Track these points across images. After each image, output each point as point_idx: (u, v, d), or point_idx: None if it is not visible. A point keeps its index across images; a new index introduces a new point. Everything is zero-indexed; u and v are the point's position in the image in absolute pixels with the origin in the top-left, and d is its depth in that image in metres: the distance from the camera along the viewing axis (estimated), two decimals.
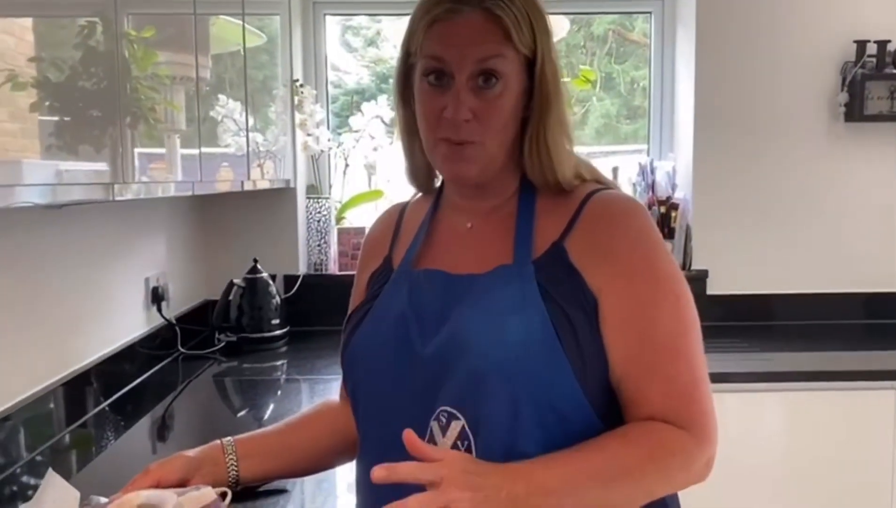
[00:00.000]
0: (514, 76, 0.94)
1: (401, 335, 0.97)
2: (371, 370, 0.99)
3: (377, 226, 1.15)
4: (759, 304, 2.62)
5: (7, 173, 0.94)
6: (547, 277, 0.92)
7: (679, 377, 0.90)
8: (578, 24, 2.99)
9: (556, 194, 0.98)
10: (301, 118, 2.58)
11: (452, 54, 0.92)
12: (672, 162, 2.73)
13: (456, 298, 0.95)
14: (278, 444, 1.13)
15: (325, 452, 1.14)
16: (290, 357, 2.35)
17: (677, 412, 0.89)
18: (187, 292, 2.44)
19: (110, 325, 1.91)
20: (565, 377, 0.88)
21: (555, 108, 0.95)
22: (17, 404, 1.44)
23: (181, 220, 2.43)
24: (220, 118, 1.83)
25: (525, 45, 0.93)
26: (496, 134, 0.94)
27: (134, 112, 1.30)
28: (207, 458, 1.08)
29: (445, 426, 0.91)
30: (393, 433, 0.88)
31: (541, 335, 0.88)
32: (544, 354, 0.88)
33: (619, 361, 0.90)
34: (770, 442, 2.11)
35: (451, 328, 0.93)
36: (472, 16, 0.92)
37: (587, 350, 0.89)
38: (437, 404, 0.92)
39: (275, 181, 2.34)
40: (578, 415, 0.89)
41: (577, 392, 0.88)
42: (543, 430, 0.88)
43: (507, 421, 0.88)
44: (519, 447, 0.88)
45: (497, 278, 0.94)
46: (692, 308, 0.94)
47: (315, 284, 2.64)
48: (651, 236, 0.95)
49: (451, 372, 0.91)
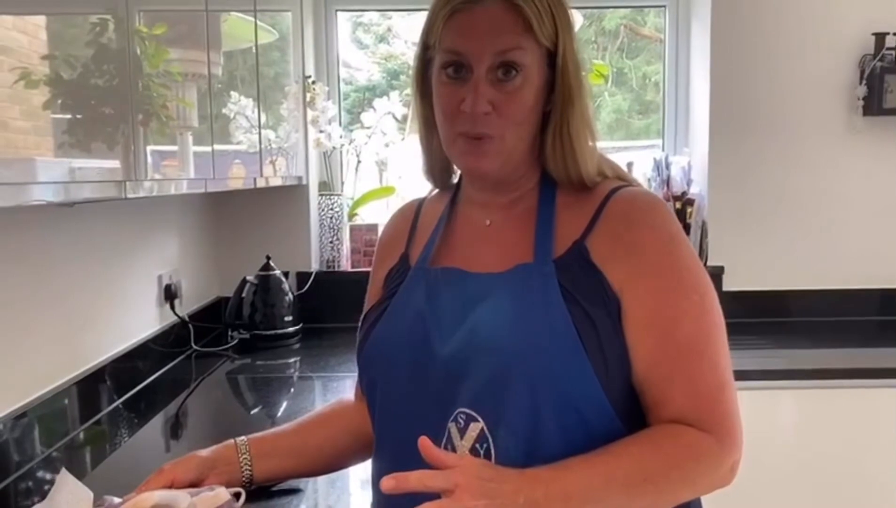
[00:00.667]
0: (535, 68, 0.92)
1: (418, 335, 0.95)
2: (388, 369, 0.98)
3: (393, 223, 1.13)
4: (775, 300, 2.59)
5: (21, 171, 0.94)
6: (568, 276, 0.90)
7: (703, 378, 0.88)
8: (590, 18, 2.97)
9: (577, 189, 0.96)
10: (313, 115, 2.57)
11: (471, 46, 0.90)
12: (687, 157, 2.71)
13: (475, 297, 0.93)
14: (293, 444, 1.12)
15: (340, 452, 1.13)
16: (303, 355, 2.34)
17: (701, 415, 0.87)
18: (200, 289, 2.44)
19: (123, 323, 1.91)
20: (587, 378, 0.86)
21: (577, 101, 0.94)
22: (31, 401, 1.45)
23: (194, 217, 2.43)
24: (233, 115, 1.82)
25: (547, 38, 0.91)
26: (516, 127, 0.92)
27: (146, 109, 1.29)
28: (221, 458, 1.07)
29: (464, 428, 0.90)
30: (409, 433, 0.87)
31: (562, 336, 0.86)
32: (566, 355, 0.86)
33: (641, 362, 0.88)
34: (786, 439, 2.09)
35: (470, 328, 0.91)
36: (492, 6, 0.90)
37: (610, 351, 0.87)
38: (456, 405, 0.91)
39: (287, 178, 2.34)
40: (600, 417, 0.87)
41: (598, 394, 0.86)
42: (564, 432, 0.87)
43: (527, 423, 0.87)
44: (539, 449, 0.86)
45: (517, 277, 0.92)
46: (717, 307, 0.91)
47: (328, 281, 2.64)
48: (674, 233, 0.92)
49: (469, 373, 0.90)
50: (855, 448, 2.08)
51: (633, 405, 0.90)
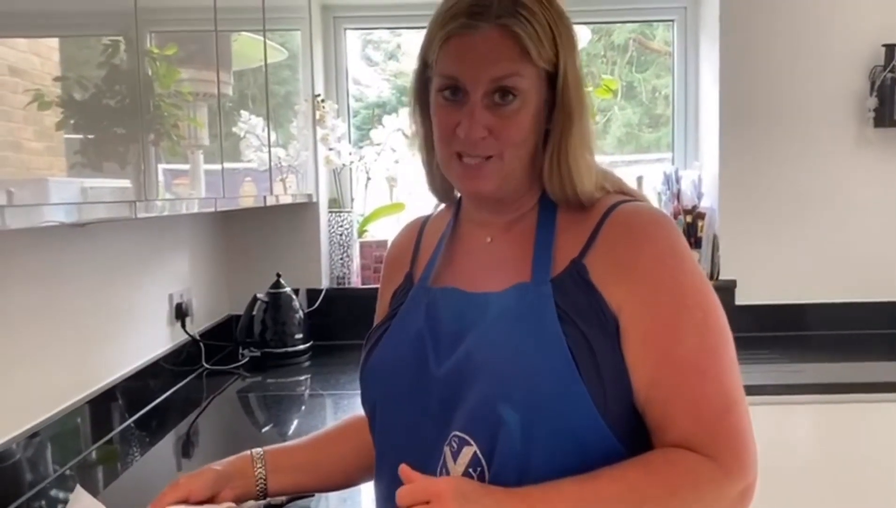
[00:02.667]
0: (534, 91, 0.90)
1: (417, 355, 0.94)
2: (387, 389, 0.97)
3: (398, 241, 1.13)
4: (788, 314, 2.57)
5: (34, 191, 0.94)
6: (565, 296, 0.88)
7: (707, 400, 0.84)
8: (599, 33, 2.98)
9: (578, 207, 0.94)
10: (323, 133, 2.58)
11: (467, 72, 0.90)
12: (697, 171, 2.70)
13: (472, 318, 0.92)
14: (308, 459, 1.11)
15: (353, 468, 1.12)
16: (313, 372, 2.34)
17: (704, 439, 0.83)
18: (211, 307, 2.45)
19: (135, 341, 1.91)
20: (582, 402, 0.83)
21: (577, 121, 0.92)
22: (44, 420, 1.45)
23: (204, 235, 2.44)
24: (243, 134, 1.83)
25: (545, 60, 0.90)
26: (514, 149, 0.91)
27: (157, 129, 1.30)
28: (237, 471, 1.06)
29: (457, 451, 0.88)
30: (407, 455, 0.87)
31: (556, 360, 0.84)
32: (559, 379, 0.84)
33: (642, 383, 0.85)
34: (801, 455, 2.07)
35: (465, 351, 0.90)
36: (488, 32, 0.88)
37: (607, 373, 0.85)
38: (450, 428, 0.90)
39: (297, 196, 2.34)
40: (597, 442, 0.85)
41: (594, 418, 0.84)
42: (558, 456, 0.84)
43: (519, 449, 0.85)
44: (533, 475, 0.84)
45: (513, 298, 0.90)
46: (723, 325, 0.88)
47: (338, 297, 2.64)
48: (676, 249, 0.89)
49: (463, 396, 0.89)
50: (872, 463, 2.05)
51: (635, 428, 0.87)
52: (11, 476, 1.32)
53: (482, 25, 0.88)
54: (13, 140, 0.89)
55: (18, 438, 1.36)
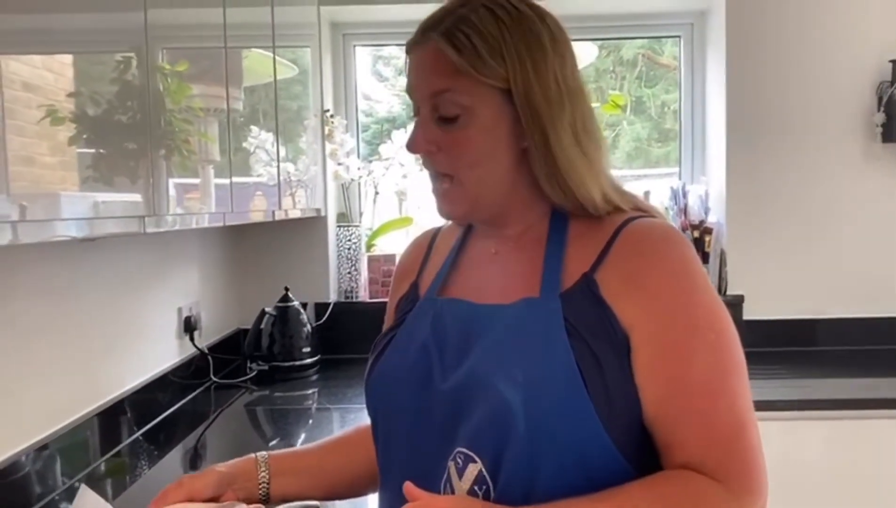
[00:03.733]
0: (484, 108, 0.88)
1: (422, 367, 0.93)
2: (391, 401, 0.96)
3: (408, 251, 1.13)
4: (797, 329, 2.56)
5: (46, 206, 0.96)
6: (575, 312, 0.86)
7: (718, 422, 0.83)
8: (607, 48, 2.99)
9: (590, 220, 0.92)
10: (331, 148, 2.60)
11: (413, 88, 0.92)
12: (704, 186, 2.71)
13: (478, 331, 0.90)
14: (312, 465, 1.10)
15: (357, 477, 1.11)
16: (321, 386, 2.35)
17: (715, 462, 0.82)
18: (219, 321, 2.46)
19: (144, 354, 1.92)
20: (588, 420, 0.82)
21: (553, 133, 0.88)
22: (53, 433, 1.46)
23: (213, 249, 2.46)
24: (253, 149, 1.85)
25: (492, 77, 0.87)
26: (470, 169, 0.90)
27: (168, 144, 1.32)
28: (241, 473, 1.06)
29: (462, 468, 0.87)
30: (411, 469, 0.87)
31: (563, 377, 0.82)
32: (566, 396, 0.82)
33: (651, 403, 0.84)
34: (810, 471, 2.06)
35: (471, 365, 0.89)
36: (429, 46, 0.89)
37: (616, 392, 0.83)
38: (455, 444, 0.88)
39: (306, 210, 2.36)
40: (604, 460, 0.83)
41: (601, 437, 0.82)
42: (565, 477, 0.83)
43: (526, 467, 0.83)
44: (538, 494, 0.82)
45: (521, 312, 0.88)
46: (735, 346, 0.86)
47: (346, 311, 2.65)
48: (689, 267, 0.87)
49: (468, 412, 0.87)
50: (883, 479, 2.04)
51: (644, 446, 0.85)
52: (21, 488, 1.32)
53: (427, 39, 0.89)
54: (26, 155, 0.90)
55: (27, 450, 1.36)
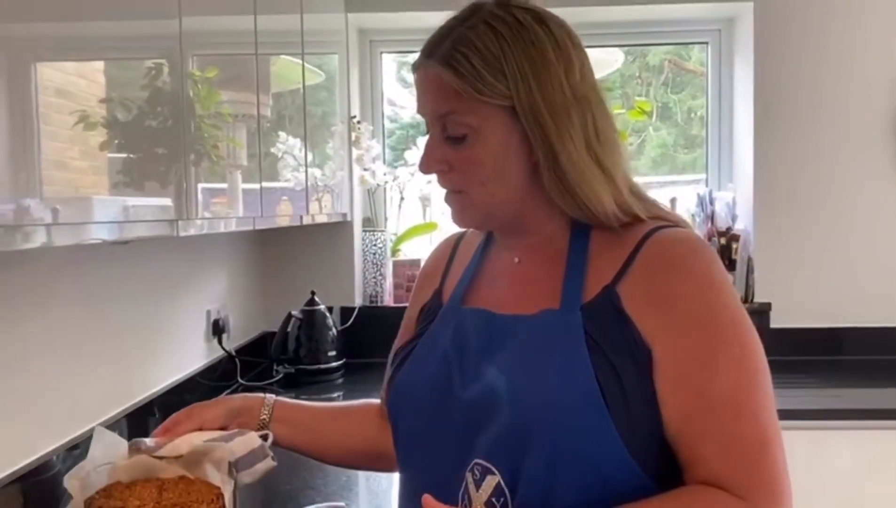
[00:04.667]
0: (491, 127, 0.88)
1: (443, 377, 0.93)
2: (412, 410, 0.96)
3: (431, 257, 1.13)
4: (825, 337, 2.53)
5: (78, 209, 0.98)
6: (596, 325, 0.85)
7: (740, 438, 0.81)
8: (633, 54, 2.98)
9: (613, 230, 0.90)
10: (358, 153, 2.62)
11: (421, 107, 0.93)
12: (732, 192, 2.68)
13: (498, 341, 0.90)
14: (312, 423, 1.11)
15: (350, 450, 1.12)
16: (345, 389, 2.36)
17: (738, 479, 0.80)
18: (247, 324, 2.48)
19: (174, 356, 1.95)
20: (608, 435, 0.81)
21: (562, 147, 0.87)
22: (84, 433, 1.48)
23: (241, 254, 2.48)
24: (281, 154, 1.87)
25: (495, 95, 0.87)
26: (481, 185, 0.90)
27: (198, 149, 1.34)
28: (246, 409, 1.08)
29: (480, 480, 0.87)
30: (429, 477, 0.88)
31: (583, 391, 0.81)
32: (585, 411, 0.81)
33: (672, 418, 0.83)
34: (838, 483, 2.03)
35: (490, 376, 0.88)
36: (430, 69, 0.90)
37: (636, 407, 0.82)
38: (473, 455, 0.88)
39: (332, 215, 2.38)
40: (623, 475, 0.82)
41: (620, 452, 0.81)
42: (584, 491, 0.82)
43: (544, 480, 0.83)
44: (557, 506, 0.82)
45: (542, 324, 0.88)
46: (760, 359, 0.84)
47: (371, 315, 2.66)
48: (714, 279, 0.86)
49: (487, 423, 0.87)
50: None
51: (665, 461, 0.84)
52: (51, 486, 1.35)
53: (429, 62, 0.90)
54: (59, 159, 0.92)
55: (58, 450, 1.39)
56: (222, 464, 0.99)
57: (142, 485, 1.01)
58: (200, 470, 1.01)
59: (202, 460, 1.01)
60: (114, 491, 1.00)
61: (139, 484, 1.02)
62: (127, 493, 1.00)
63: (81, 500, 0.98)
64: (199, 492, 0.99)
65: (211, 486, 1.00)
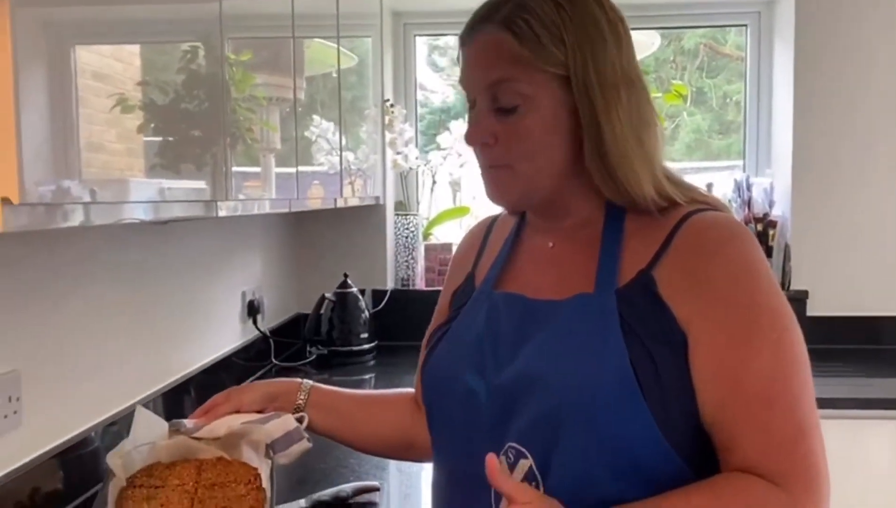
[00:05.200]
0: (545, 96, 0.87)
1: (475, 361, 0.93)
2: (444, 394, 0.96)
3: (464, 241, 1.13)
4: (863, 326, 2.49)
5: (115, 192, 0.99)
6: (631, 309, 0.84)
7: (777, 426, 0.80)
8: (668, 38, 2.94)
9: (647, 214, 0.89)
10: (391, 137, 2.63)
11: (469, 80, 0.91)
12: (769, 178, 2.64)
13: (532, 326, 0.89)
14: (346, 409, 1.12)
15: (383, 438, 1.12)
16: (377, 371, 2.38)
17: (774, 466, 0.79)
18: (280, 305, 2.51)
19: (209, 336, 1.98)
20: (643, 421, 0.80)
21: (608, 124, 0.86)
22: (121, 411, 1.51)
23: (276, 236, 2.51)
24: (314, 138, 1.88)
25: (553, 64, 0.85)
26: (527, 159, 0.89)
27: (233, 132, 1.35)
28: (282, 393, 1.09)
29: (513, 463, 0.87)
30: (465, 460, 0.88)
31: (617, 377, 0.81)
32: (620, 397, 0.80)
33: (708, 405, 0.81)
34: (875, 472, 2.00)
35: (524, 361, 0.88)
36: (485, 37, 0.88)
37: (671, 392, 0.81)
38: (506, 439, 0.88)
39: (365, 198, 2.39)
40: (659, 461, 0.81)
41: (655, 436, 0.80)
42: (617, 475, 0.82)
43: (577, 466, 0.82)
44: (590, 494, 0.82)
45: (576, 309, 0.87)
46: (799, 346, 0.83)
47: (402, 299, 2.68)
48: (753, 264, 0.84)
49: (520, 408, 0.87)
50: None
51: (700, 446, 0.83)
52: (90, 462, 1.38)
53: (482, 30, 0.88)
54: (97, 142, 0.94)
55: (96, 427, 1.42)
56: (259, 446, 1.01)
57: (181, 465, 1.04)
58: (238, 452, 1.04)
59: (240, 442, 1.03)
60: (154, 471, 1.03)
61: (178, 465, 1.04)
62: (167, 473, 1.03)
63: (124, 478, 1.01)
64: (237, 473, 1.02)
65: (248, 467, 1.02)
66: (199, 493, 0.99)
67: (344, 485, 1.32)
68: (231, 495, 0.99)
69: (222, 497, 0.98)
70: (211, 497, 0.99)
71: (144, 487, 1.01)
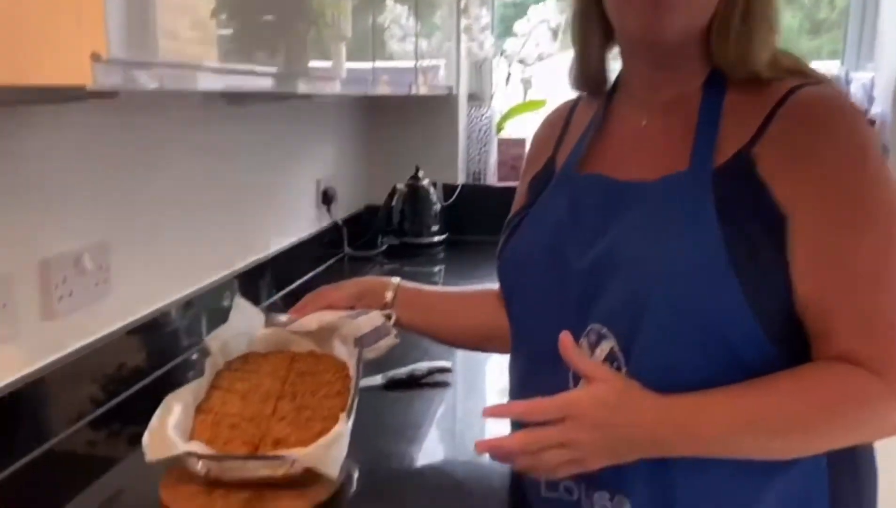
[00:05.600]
0: None
1: (556, 245, 0.91)
2: (524, 279, 0.96)
3: (544, 125, 1.09)
4: None
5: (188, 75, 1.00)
6: (727, 189, 0.80)
7: (879, 312, 0.77)
8: None
9: (750, 89, 0.85)
10: (466, 23, 2.54)
11: None
12: (871, 73, 2.47)
13: (619, 208, 0.86)
14: (432, 305, 1.16)
15: (464, 328, 1.15)
16: (447, 264, 2.40)
17: (872, 354, 0.76)
18: (353, 195, 2.54)
19: (285, 222, 2.03)
20: (736, 302, 0.77)
21: None
22: (199, 289, 1.57)
23: (348, 126, 2.50)
24: (387, 24, 1.83)
25: None
26: None
27: (306, 18, 1.33)
28: (371, 290, 1.13)
29: (595, 344, 0.86)
30: (544, 343, 0.86)
31: (710, 257, 0.78)
32: (712, 277, 0.77)
33: (806, 289, 0.78)
34: None
35: (609, 243, 0.85)
36: None
37: (767, 275, 0.78)
38: (589, 320, 0.86)
39: (437, 88, 2.34)
40: (749, 344, 0.78)
41: (748, 320, 0.77)
42: (706, 358, 0.79)
43: (663, 346, 0.80)
44: (676, 375, 0.79)
45: (668, 188, 0.83)
46: None
47: (474, 193, 2.66)
48: (863, 145, 0.79)
49: (604, 290, 0.85)
50: None
51: (794, 333, 0.80)
52: (169, 338, 1.45)
53: None
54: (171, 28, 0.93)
55: (176, 303, 1.49)
56: (349, 339, 1.06)
57: (275, 355, 1.10)
58: (329, 345, 1.09)
59: (331, 336, 1.08)
60: (250, 358, 1.10)
61: (273, 354, 1.10)
62: (262, 360, 1.09)
63: (221, 360, 1.07)
64: (327, 364, 1.07)
65: (338, 360, 1.07)
66: (290, 378, 1.05)
67: (418, 363, 1.37)
68: (320, 380, 1.04)
69: (312, 382, 1.04)
70: (302, 382, 1.04)
71: (240, 371, 1.07)
